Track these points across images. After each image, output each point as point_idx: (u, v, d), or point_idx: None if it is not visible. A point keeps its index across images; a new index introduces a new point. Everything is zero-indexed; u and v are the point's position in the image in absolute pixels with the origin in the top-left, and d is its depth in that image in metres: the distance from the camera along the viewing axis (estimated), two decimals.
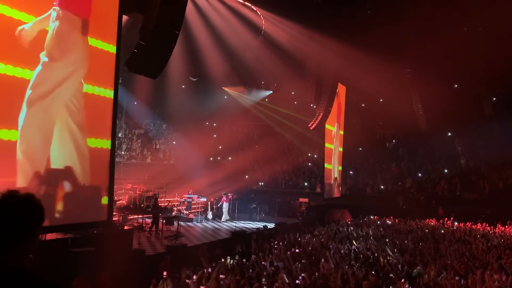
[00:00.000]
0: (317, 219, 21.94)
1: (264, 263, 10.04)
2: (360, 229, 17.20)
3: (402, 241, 14.44)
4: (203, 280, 7.93)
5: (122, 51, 11.30)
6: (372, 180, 28.43)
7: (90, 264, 8.82)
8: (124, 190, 17.59)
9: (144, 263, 10.53)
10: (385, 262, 10.60)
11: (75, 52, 10.05)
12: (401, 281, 7.85)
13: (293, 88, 31.14)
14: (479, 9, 20.31)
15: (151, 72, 12.17)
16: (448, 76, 27.08)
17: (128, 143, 25.48)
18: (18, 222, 1.77)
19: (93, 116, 10.52)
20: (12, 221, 1.76)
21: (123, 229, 13.08)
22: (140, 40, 11.09)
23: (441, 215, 22.78)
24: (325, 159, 25.16)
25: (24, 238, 1.78)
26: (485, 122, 28.46)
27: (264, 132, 31.72)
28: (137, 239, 12.77)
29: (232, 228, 17.49)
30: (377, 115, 30.86)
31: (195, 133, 27.39)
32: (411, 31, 23.03)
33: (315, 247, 12.69)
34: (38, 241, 1.84)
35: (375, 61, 22.16)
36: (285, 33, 22.48)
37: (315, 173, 28.89)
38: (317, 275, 8.81)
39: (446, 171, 27.59)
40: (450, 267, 9.96)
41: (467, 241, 15.09)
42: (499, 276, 8.94)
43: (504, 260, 11.36)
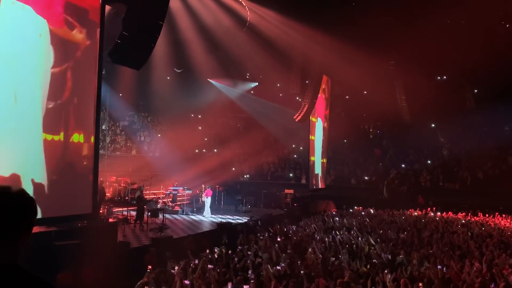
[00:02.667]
0: (302, 210, 22.12)
1: (250, 253, 10.10)
2: (345, 220, 17.40)
3: (385, 231, 14.67)
4: (188, 272, 7.94)
5: (105, 42, 11.15)
6: (357, 171, 28.71)
7: (74, 257, 8.75)
8: (108, 182, 17.45)
9: (129, 255, 10.49)
10: (369, 252, 10.77)
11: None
12: (384, 272, 7.98)
13: (278, 80, 31.16)
14: (461, 2, 20.53)
15: (134, 63, 12.05)
16: (431, 68, 27.41)
17: (112, 135, 25.23)
18: (11, 218, 1.72)
19: (76, 110, 10.38)
20: (5, 217, 1.71)
21: (108, 221, 13.00)
22: (123, 31, 10.93)
23: (421, 203, 23.21)
24: (310, 151, 25.31)
25: (17, 234, 1.74)
26: (467, 114, 28.93)
27: (249, 124, 31.70)
28: (122, 231, 12.71)
29: (218, 220, 17.52)
30: (361, 107, 31.09)
31: (180, 125, 27.24)
32: (395, 23, 23.20)
33: (300, 238, 12.81)
34: (30, 236, 1.81)
35: (360, 53, 22.27)
36: (271, 25, 22.42)
37: (300, 164, 29.06)
38: (301, 265, 8.91)
39: (429, 162, 28.02)
40: (432, 256, 10.16)
41: (449, 230, 15.40)
42: (479, 265, 9.16)
43: (484, 248, 11.64)
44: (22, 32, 9.11)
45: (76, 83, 10.35)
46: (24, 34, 9.16)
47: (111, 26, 12.43)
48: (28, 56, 9.34)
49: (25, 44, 9.21)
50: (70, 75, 10.12)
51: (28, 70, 9.31)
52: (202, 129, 31.19)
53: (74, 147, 10.32)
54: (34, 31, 9.39)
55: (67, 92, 10.05)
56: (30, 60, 9.39)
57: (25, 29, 9.19)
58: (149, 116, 29.34)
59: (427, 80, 27.49)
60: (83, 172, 10.66)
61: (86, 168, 10.70)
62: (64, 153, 10.06)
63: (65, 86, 10.05)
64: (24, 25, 9.17)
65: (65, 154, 10.11)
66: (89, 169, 10.74)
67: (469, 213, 20.80)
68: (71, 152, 10.31)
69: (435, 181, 26.33)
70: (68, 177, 10.16)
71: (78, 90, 10.44)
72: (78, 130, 10.38)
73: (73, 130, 10.21)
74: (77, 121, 10.37)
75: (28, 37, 9.24)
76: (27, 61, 9.31)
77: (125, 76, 22.09)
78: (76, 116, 10.34)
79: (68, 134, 10.06)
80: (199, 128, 31.19)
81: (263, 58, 24.46)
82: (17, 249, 1.74)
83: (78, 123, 10.46)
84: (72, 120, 10.22)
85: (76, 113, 10.37)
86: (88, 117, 10.71)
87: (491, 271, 8.57)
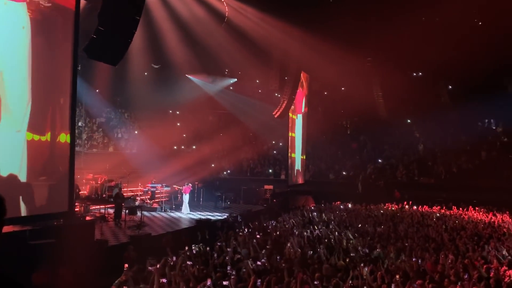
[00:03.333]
0: (281, 205, 22.24)
1: (229, 250, 10.11)
2: (323, 214, 17.59)
3: (362, 225, 14.89)
4: (166, 269, 7.91)
5: (81, 37, 10.95)
6: (335, 166, 29.01)
7: (50, 257, 8.60)
8: (85, 180, 17.16)
9: (107, 253, 10.36)
10: (347, 246, 10.92)
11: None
12: (361, 265, 8.11)
13: (257, 76, 31.15)
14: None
15: (111, 59, 11.87)
16: (407, 65, 27.87)
17: (88, 132, 24.80)
18: None
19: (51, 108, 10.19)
20: None
21: (85, 219, 12.81)
22: (99, 26, 10.75)
23: (397, 197, 23.66)
24: (289, 147, 25.45)
25: None
26: (441, 110, 29.55)
27: (228, 120, 31.62)
28: (100, 229, 12.54)
29: (197, 217, 17.46)
30: (339, 103, 31.41)
31: (158, 121, 26.97)
32: (372, 20, 23.50)
33: (279, 233, 12.90)
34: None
35: (337, 50, 22.47)
36: (249, 21, 22.38)
37: (280, 160, 29.18)
38: (281, 260, 8.98)
39: (405, 157, 28.53)
40: (408, 249, 10.38)
41: (424, 223, 15.74)
42: (453, 257, 9.40)
43: (458, 241, 11.96)
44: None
45: (50, 79, 10.15)
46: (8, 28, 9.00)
47: (86, 21, 12.21)
48: (11, 52, 9.16)
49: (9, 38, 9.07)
50: (43, 70, 9.92)
51: (10, 66, 9.13)
52: (180, 125, 30.95)
53: (48, 146, 10.13)
54: (17, 24, 9.21)
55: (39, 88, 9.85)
56: (13, 56, 9.20)
57: (8, 23, 9.02)
58: (126, 112, 28.94)
59: (403, 77, 27.96)
60: (59, 170, 10.48)
61: (62, 165, 10.53)
62: (39, 152, 9.87)
63: (38, 83, 9.85)
64: (6, 19, 8.99)
65: (41, 153, 9.92)
66: (65, 167, 10.56)
67: (444, 206, 21.28)
68: (47, 151, 10.12)
69: (411, 176, 26.84)
70: (44, 175, 9.98)
71: (52, 86, 10.24)
72: (54, 129, 10.19)
73: (46, 128, 10.02)
74: (49, 118, 10.19)
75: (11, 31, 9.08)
76: (10, 57, 9.13)
77: (101, 71, 21.71)
78: (49, 114, 10.16)
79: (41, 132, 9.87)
80: (177, 125, 30.94)
81: (242, 54, 24.39)
82: None
83: (54, 121, 10.28)
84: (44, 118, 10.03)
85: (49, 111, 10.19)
86: (63, 114, 10.53)
87: (464, 263, 8.82)
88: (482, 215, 18.91)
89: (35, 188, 9.73)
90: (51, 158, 10.34)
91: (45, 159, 10.16)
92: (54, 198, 10.34)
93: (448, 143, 27.76)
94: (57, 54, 10.47)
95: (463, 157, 26.89)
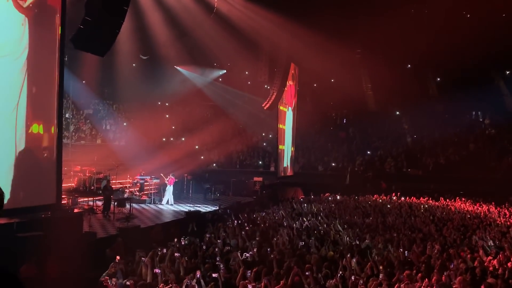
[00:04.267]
0: (271, 197, 22.30)
1: (219, 241, 10.13)
2: (312, 206, 17.69)
3: (351, 216, 15.02)
4: (156, 260, 7.90)
5: (68, 27, 10.79)
6: (324, 158, 29.14)
7: (38, 249, 8.53)
8: (73, 172, 16.99)
9: (95, 246, 10.31)
10: (335, 237, 11.01)
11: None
12: (348, 256, 8.18)
13: (246, 68, 31.04)
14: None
15: (98, 50, 11.73)
16: (396, 57, 28.00)
17: (75, 124, 24.53)
18: None
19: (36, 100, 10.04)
20: None
21: (73, 212, 12.71)
22: (86, 16, 10.60)
23: (384, 188, 23.90)
24: (278, 140, 25.48)
25: None
26: (429, 102, 29.79)
27: (218, 112, 31.51)
28: (88, 222, 12.46)
29: (185, 208, 17.43)
30: (329, 95, 31.48)
31: (146, 113, 26.76)
32: (361, 12, 23.51)
33: (269, 225, 12.95)
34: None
35: (327, 42, 22.49)
36: (238, 12, 22.23)
37: (269, 152, 29.22)
38: (270, 251, 9.02)
39: (393, 148, 28.77)
40: (396, 240, 10.50)
41: (412, 214, 15.92)
42: (439, 247, 9.53)
43: (445, 231, 12.13)
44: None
45: (36, 70, 10.00)
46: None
47: (73, 11, 12.02)
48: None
49: None
50: (28, 62, 9.75)
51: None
52: (169, 117, 30.78)
53: (35, 138, 10.00)
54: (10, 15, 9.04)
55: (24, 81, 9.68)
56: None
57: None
58: (114, 104, 28.66)
59: (392, 69, 28.08)
60: (46, 162, 10.37)
61: (49, 158, 10.41)
62: (27, 144, 9.74)
63: (23, 75, 9.69)
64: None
65: (28, 144, 9.79)
66: (52, 159, 10.45)
67: (431, 197, 21.53)
68: (32, 143, 9.99)
69: (399, 167, 27.08)
70: (30, 167, 9.87)
71: (38, 78, 10.09)
72: (37, 120, 10.05)
73: (32, 121, 9.88)
74: (35, 111, 10.04)
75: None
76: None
77: (89, 62, 21.44)
78: (34, 106, 10.01)
79: (27, 125, 9.74)
80: (166, 116, 30.76)
81: (231, 46, 24.26)
82: None
83: (41, 113, 10.15)
84: (30, 110, 9.87)
85: (35, 103, 10.03)
86: (50, 106, 10.39)
87: (449, 253, 8.95)
88: (468, 206, 19.18)
89: (22, 180, 9.62)
90: (38, 150, 10.22)
91: (32, 151, 10.03)
92: (41, 190, 10.24)
93: (436, 135, 28.03)
94: (44, 44, 10.30)
95: (450, 148, 27.18)
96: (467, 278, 6.73)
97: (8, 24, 9.32)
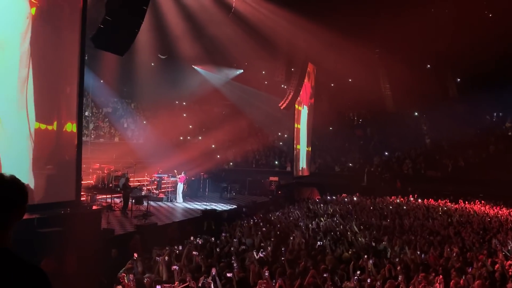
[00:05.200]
0: (286, 197, 22.27)
1: (235, 240, 10.17)
2: (329, 206, 17.60)
3: (368, 217, 14.89)
4: (172, 258, 7.97)
5: (88, 26, 10.95)
6: (341, 159, 28.96)
7: (57, 245, 8.69)
8: (92, 169, 17.26)
9: (113, 242, 10.45)
10: (352, 238, 10.94)
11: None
12: (365, 257, 8.13)
13: (263, 68, 31.05)
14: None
15: (118, 49, 11.87)
16: (415, 57, 27.64)
17: (95, 122, 24.90)
18: (6, 204, 1.78)
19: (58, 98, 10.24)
20: (1, 204, 1.77)
21: (91, 209, 12.90)
22: (106, 15, 10.74)
23: (399, 187, 23.66)
24: (294, 139, 25.42)
25: (10, 220, 1.80)
26: (449, 102, 29.33)
27: (234, 111, 31.59)
28: (106, 218, 12.65)
29: (193, 206, 17.54)
30: (346, 94, 31.24)
31: (164, 112, 27.00)
32: (381, 11, 23.25)
33: (284, 225, 12.94)
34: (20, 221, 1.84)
35: (345, 41, 22.33)
36: (256, 11, 22.24)
37: (285, 152, 29.18)
38: (285, 251, 9.01)
39: (412, 150, 28.42)
40: (413, 243, 10.37)
41: (430, 217, 15.70)
42: (458, 251, 9.38)
43: (464, 234, 11.93)
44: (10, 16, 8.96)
45: (57, 68, 10.18)
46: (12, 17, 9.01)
47: (94, 10, 12.20)
48: (15, 42, 9.17)
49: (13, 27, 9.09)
50: (49, 60, 9.94)
51: (16, 57, 9.17)
52: (186, 116, 30.99)
53: (55, 135, 10.19)
54: (22, 13, 9.21)
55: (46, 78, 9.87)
56: (17, 46, 9.21)
57: (13, 12, 9.04)
58: (132, 102, 29.01)
59: (411, 69, 27.72)
60: (67, 160, 10.55)
61: (70, 155, 10.60)
62: (46, 141, 9.93)
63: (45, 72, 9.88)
64: (11, 8, 9.02)
65: (47, 142, 9.99)
66: (72, 157, 10.64)
67: (450, 200, 21.20)
68: (53, 141, 10.18)
69: (417, 169, 26.73)
70: (51, 165, 10.05)
71: (59, 76, 10.27)
72: (60, 118, 10.25)
73: (53, 118, 10.08)
74: (57, 108, 10.25)
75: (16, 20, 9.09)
76: (15, 47, 9.14)
77: (108, 61, 21.74)
78: (56, 103, 10.22)
79: (48, 122, 9.94)
80: (183, 115, 30.98)
81: (248, 45, 24.30)
82: (7, 233, 1.78)
83: (60, 111, 10.34)
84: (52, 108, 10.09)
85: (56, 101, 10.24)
86: (71, 104, 10.58)
87: (466, 256, 8.80)
88: (488, 209, 18.83)
89: (42, 177, 9.81)
90: (58, 147, 10.39)
91: (52, 148, 10.21)
92: (61, 187, 10.41)
93: (455, 136, 27.57)
94: (64, 43, 10.47)
95: (470, 150, 26.71)
96: (486, 283, 6.61)
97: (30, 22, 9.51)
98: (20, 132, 9.34)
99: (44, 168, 9.82)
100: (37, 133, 9.63)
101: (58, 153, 10.36)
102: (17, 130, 9.27)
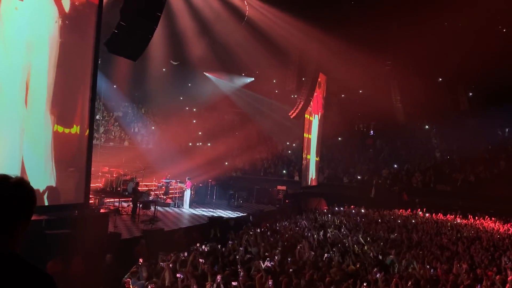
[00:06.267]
0: (294, 206, 22.17)
1: (241, 249, 10.12)
2: (335, 218, 17.47)
3: (375, 230, 14.75)
4: (178, 265, 7.95)
5: (102, 31, 11.08)
6: (350, 170, 28.81)
7: (65, 247, 8.72)
8: (101, 173, 17.35)
9: (120, 246, 10.47)
10: (358, 251, 10.83)
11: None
12: (373, 270, 8.03)
13: (274, 76, 31.11)
14: (459, 5, 20.57)
15: (131, 54, 11.98)
16: (427, 70, 27.51)
17: (105, 125, 25.10)
18: (12, 207, 1.70)
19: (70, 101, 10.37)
20: (6, 207, 1.69)
21: (99, 212, 12.95)
22: (121, 21, 10.87)
23: (405, 199, 23.44)
24: (303, 149, 25.36)
25: (16, 224, 1.72)
26: (460, 116, 29.09)
27: (244, 119, 31.67)
28: (113, 222, 12.67)
29: (209, 214, 17.51)
30: (356, 106, 31.16)
31: (174, 118, 27.13)
32: (393, 24, 23.22)
33: (291, 234, 12.86)
34: (29, 225, 1.79)
35: (356, 52, 22.29)
36: (269, 20, 22.35)
37: (294, 161, 29.11)
38: (291, 261, 8.94)
39: (422, 163, 28.18)
40: (421, 257, 10.25)
41: (438, 232, 15.52)
42: (467, 267, 9.25)
43: (473, 251, 11.76)
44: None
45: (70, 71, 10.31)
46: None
47: (108, 15, 12.35)
48: (44, 44, 9.37)
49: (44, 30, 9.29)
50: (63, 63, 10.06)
51: (45, 60, 9.36)
52: (196, 122, 31.11)
53: (66, 138, 10.28)
54: (51, 16, 9.44)
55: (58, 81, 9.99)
56: (46, 49, 9.42)
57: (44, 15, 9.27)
58: (143, 107, 29.21)
59: (422, 81, 27.59)
60: (77, 163, 10.63)
61: (80, 158, 10.67)
62: (60, 144, 10.04)
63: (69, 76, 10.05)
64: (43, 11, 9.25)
65: (61, 145, 10.09)
66: (82, 160, 10.71)
67: (458, 215, 20.95)
68: (64, 144, 10.27)
69: (427, 182, 26.49)
70: (62, 167, 10.13)
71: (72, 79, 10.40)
72: (70, 121, 10.34)
73: (64, 121, 10.18)
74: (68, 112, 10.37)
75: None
76: (43, 50, 9.35)
77: (120, 66, 21.95)
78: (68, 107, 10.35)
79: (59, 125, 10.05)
80: (193, 122, 31.10)
81: (260, 54, 24.38)
82: (14, 237, 1.72)
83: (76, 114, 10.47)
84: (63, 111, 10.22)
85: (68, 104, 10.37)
86: (83, 108, 10.68)
87: (476, 272, 8.67)
88: (497, 225, 18.57)
89: (52, 179, 9.88)
90: (70, 150, 10.48)
91: (65, 151, 10.30)
92: (70, 189, 10.48)
93: (466, 151, 27.30)
94: (81, 48, 10.60)
95: (481, 165, 26.42)
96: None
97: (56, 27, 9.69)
98: (37, 134, 9.47)
99: (57, 171, 9.90)
100: (54, 135, 9.75)
101: (69, 156, 10.44)
102: (35, 132, 9.41)
